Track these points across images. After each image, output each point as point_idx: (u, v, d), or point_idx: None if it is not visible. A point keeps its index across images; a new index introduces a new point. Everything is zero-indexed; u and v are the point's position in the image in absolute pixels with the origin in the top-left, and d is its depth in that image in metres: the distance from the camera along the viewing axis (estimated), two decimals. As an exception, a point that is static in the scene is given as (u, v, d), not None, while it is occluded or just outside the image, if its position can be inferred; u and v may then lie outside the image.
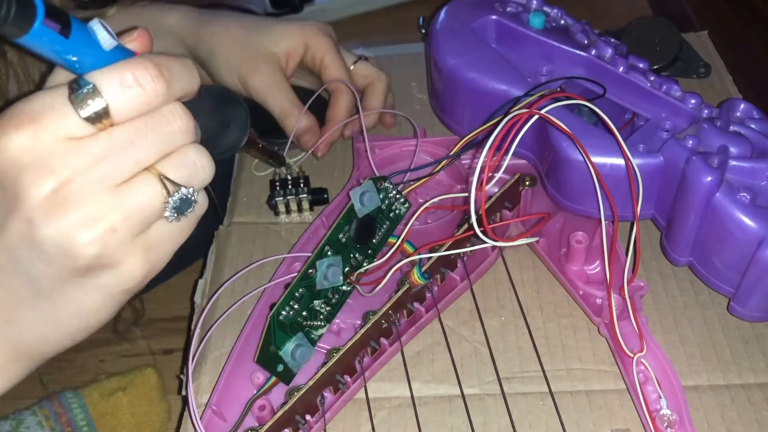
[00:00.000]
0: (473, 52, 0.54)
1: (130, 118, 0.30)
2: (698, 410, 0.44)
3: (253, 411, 0.43)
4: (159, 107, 0.30)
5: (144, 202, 0.30)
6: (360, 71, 0.62)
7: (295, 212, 0.57)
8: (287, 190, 0.56)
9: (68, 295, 0.31)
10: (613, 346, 0.45)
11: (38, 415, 0.65)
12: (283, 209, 0.57)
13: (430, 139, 0.58)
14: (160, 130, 0.30)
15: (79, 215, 0.29)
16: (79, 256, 0.30)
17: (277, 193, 0.56)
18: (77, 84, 0.29)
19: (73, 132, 0.29)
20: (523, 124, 0.44)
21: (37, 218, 0.29)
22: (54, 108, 0.29)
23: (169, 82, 0.30)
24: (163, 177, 0.31)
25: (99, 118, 0.29)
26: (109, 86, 0.29)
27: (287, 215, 0.57)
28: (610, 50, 0.53)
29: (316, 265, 0.46)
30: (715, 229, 0.44)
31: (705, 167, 0.43)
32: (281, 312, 0.44)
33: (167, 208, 0.31)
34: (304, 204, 0.57)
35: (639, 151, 0.46)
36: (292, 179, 0.57)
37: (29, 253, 0.30)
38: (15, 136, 0.29)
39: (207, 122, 0.36)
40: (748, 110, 0.50)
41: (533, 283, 0.51)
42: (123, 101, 0.29)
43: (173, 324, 0.77)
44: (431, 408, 0.45)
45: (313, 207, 0.57)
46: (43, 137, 0.29)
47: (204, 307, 0.51)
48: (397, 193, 0.50)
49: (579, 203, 0.49)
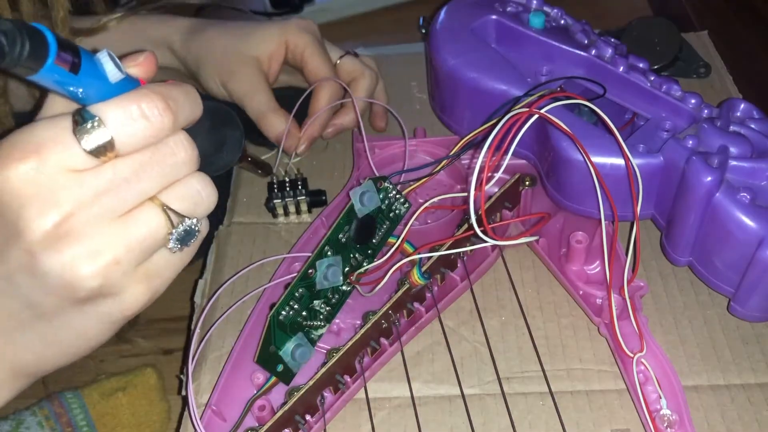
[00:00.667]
0: (473, 52, 0.54)
1: (135, 150, 0.29)
2: (698, 410, 0.44)
3: (253, 411, 0.43)
4: (164, 139, 0.30)
5: (147, 233, 0.30)
6: (345, 66, 0.61)
7: (293, 214, 0.57)
8: (285, 192, 0.56)
9: (69, 320, 0.32)
10: (613, 346, 0.45)
11: (38, 415, 0.65)
12: (281, 211, 0.57)
13: (430, 139, 0.58)
14: (164, 162, 0.30)
15: (81, 248, 0.29)
16: (82, 287, 0.30)
17: (275, 195, 0.56)
18: (81, 116, 0.28)
19: (77, 165, 0.29)
20: (522, 123, 0.44)
21: (39, 251, 0.29)
22: (57, 140, 0.28)
23: (176, 115, 0.30)
24: (167, 208, 0.30)
25: (103, 151, 0.28)
26: (114, 119, 0.28)
27: (285, 217, 0.57)
28: (610, 50, 0.53)
29: (316, 265, 0.46)
30: (715, 229, 0.44)
31: (705, 167, 0.43)
32: (281, 312, 0.44)
33: (171, 239, 0.31)
34: (302, 206, 0.57)
35: (639, 151, 0.46)
36: (290, 181, 0.57)
37: (30, 281, 0.30)
38: (18, 168, 0.28)
39: (203, 142, 0.35)
40: (748, 110, 0.50)
41: (533, 283, 0.51)
42: (128, 134, 0.29)
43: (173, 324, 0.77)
44: (431, 408, 0.45)
45: (312, 209, 0.57)
46: (47, 169, 0.28)
47: (204, 307, 0.51)
48: (396, 193, 0.50)
49: (579, 203, 0.49)
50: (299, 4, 1.14)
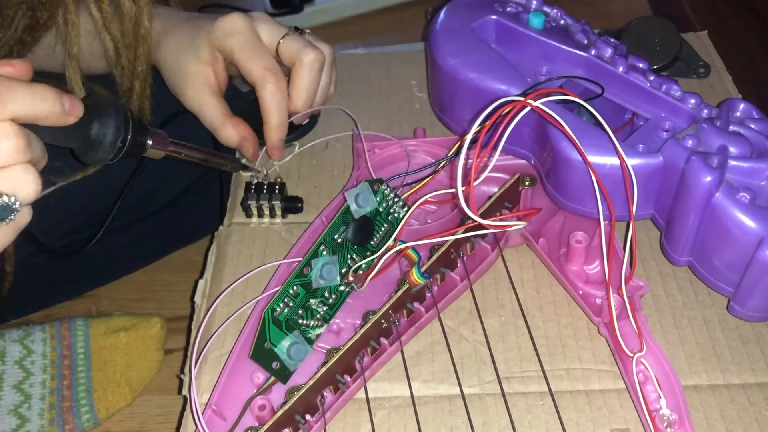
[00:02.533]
0: (473, 52, 0.54)
1: None
2: (698, 410, 0.44)
3: (253, 411, 0.43)
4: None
5: None
6: (285, 50, 0.56)
7: (267, 216, 0.57)
8: (261, 195, 0.56)
9: None
10: (613, 346, 0.45)
11: (46, 332, 0.69)
12: (255, 212, 0.56)
13: (430, 139, 0.58)
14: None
15: None
16: None
17: (250, 195, 0.56)
18: None
19: None
20: (515, 114, 0.44)
21: None
22: None
23: (5, 102, 0.34)
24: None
25: None
26: None
27: (259, 219, 0.57)
28: (610, 50, 0.53)
29: (311, 263, 0.46)
30: (714, 229, 0.44)
31: (705, 167, 0.43)
32: (275, 308, 0.44)
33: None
34: (276, 210, 0.56)
35: (639, 151, 0.46)
36: (268, 184, 0.56)
37: None
38: None
39: (71, 137, 0.41)
40: (747, 110, 0.50)
41: (533, 283, 0.51)
42: None
43: (173, 324, 0.77)
44: (431, 408, 0.45)
45: (286, 215, 0.57)
46: None
47: (204, 307, 0.51)
48: (394, 195, 0.50)
49: (579, 203, 0.49)
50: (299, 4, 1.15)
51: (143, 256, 0.84)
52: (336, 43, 0.63)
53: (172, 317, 0.77)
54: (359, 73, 0.69)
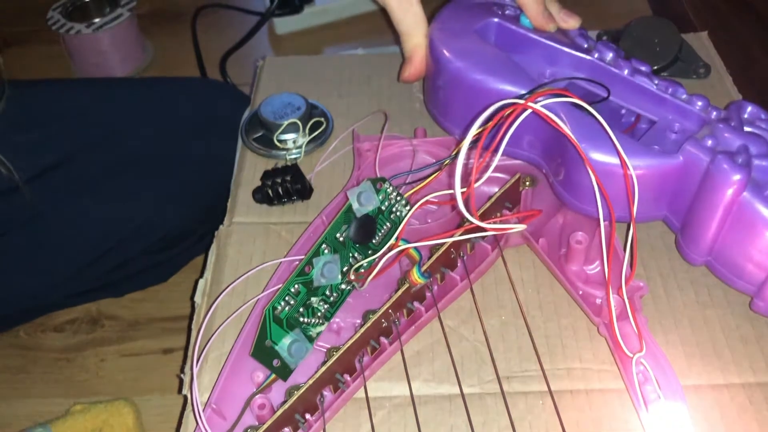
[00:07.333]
0: (480, 54, 0.53)
1: None
2: (698, 410, 0.44)
3: (253, 410, 0.43)
4: None
5: None
6: None
7: (276, 203, 0.57)
8: (276, 178, 0.57)
9: None
10: (613, 346, 0.45)
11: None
12: (269, 192, 0.57)
13: (430, 139, 0.58)
14: None
15: None
16: None
17: (266, 177, 0.57)
18: None
19: None
20: (516, 117, 0.43)
21: None
22: None
23: None
24: None
25: None
26: None
27: (269, 205, 0.57)
28: (611, 54, 0.53)
29: (313, 261, 0.46)
30: (741, 227, 0.44)
31: (733, 165, 0.43)
32: (277, 306, 0.44)
33: None
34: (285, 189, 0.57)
35: (656, 152, 0.46)
36: (282, 168, 0.57)
37: None
38: None
39: None
40: (755, 112, 0.50)
41: (533, 283, 0.51)
42: None
43: (173, 324, 0.78)
44: (431, 407, 0.45)
45: (296, 198, 0.57)
46: None
47: (204, 306, 0.51)
48: (397, 194, 0.50)
49: (590, 204, 0.48)
50: (299, 4, 1.15)
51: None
52: (336, 44, 0.63)
53: (172, 317, 0.78)
54: (359, 74, 0.70)
